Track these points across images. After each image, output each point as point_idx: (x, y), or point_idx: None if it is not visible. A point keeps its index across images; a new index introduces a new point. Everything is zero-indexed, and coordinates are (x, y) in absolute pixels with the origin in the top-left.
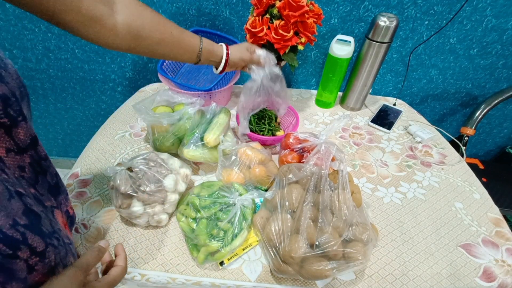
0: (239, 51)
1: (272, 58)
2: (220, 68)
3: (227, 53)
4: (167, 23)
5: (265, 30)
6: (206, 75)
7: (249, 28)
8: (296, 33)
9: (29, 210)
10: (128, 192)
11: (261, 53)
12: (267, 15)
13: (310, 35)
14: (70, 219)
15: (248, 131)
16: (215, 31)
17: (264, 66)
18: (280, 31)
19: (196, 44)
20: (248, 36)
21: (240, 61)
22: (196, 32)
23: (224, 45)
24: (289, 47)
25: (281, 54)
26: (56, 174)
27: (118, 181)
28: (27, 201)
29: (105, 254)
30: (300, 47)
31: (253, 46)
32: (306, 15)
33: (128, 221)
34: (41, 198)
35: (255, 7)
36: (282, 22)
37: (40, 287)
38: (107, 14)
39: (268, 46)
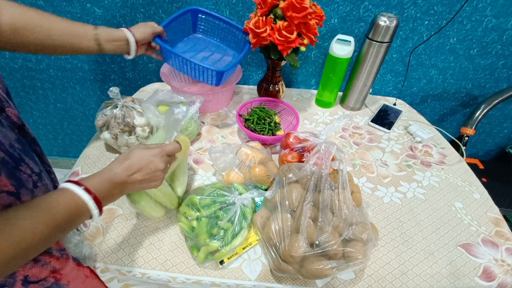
0: (139, 28)
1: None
2: (133, 52)
3: (131, 31)
4: (55, 17)
5: (268, 31)
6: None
7: (253, 28)
8: (299, 34)
9: (19, 139)
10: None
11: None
12: (271, 15)
13: (312, 36)
14: None
15: None
16: (218, 15)
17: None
18: (284, 33)
19: (90, 29)
20: (251, 36)
21: (143, 38)
22: (195, 11)
23: (124, 28)
24: (291, 49)
25: (284, 55)
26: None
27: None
28: (14, 134)
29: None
30: (302, 48)
31: (152, 26)
32: (309, 17)
33: (128, 220)
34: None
35: (259, 7)
36: (286, 23)
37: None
38: None
39: (271, 47)
